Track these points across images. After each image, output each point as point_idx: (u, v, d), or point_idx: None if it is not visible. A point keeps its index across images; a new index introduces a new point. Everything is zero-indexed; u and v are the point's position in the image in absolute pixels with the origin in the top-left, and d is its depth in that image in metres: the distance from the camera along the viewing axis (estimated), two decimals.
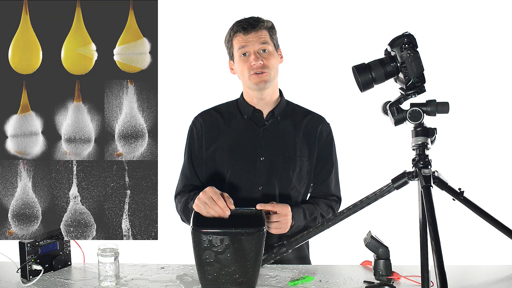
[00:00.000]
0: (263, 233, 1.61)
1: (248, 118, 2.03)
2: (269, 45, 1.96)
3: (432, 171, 1.65)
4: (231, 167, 1.99)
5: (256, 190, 1.99)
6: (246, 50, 1.94)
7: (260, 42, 1.94)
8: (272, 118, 2.03)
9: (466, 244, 3.10)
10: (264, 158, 1.99)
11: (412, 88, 1.67)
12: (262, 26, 1.96)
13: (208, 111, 2.10)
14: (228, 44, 2.01)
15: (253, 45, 1.94)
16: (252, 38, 1.94)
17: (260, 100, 2.02)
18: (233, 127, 2.04)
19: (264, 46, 1.95)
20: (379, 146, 3.28)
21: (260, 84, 1.95)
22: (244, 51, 1.95)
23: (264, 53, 1.95)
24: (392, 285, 1.68)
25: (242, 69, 1.96)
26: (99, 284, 1.72)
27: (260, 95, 2.00)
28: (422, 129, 1.67)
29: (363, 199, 1.75)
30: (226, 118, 2.06)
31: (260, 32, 1.95)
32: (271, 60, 1.95)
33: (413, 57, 1.64)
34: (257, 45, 1.94)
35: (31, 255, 1.76)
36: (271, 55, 1.96)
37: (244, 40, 1.94)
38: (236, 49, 1.97)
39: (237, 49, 1.96)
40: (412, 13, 3.29)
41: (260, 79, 1.94)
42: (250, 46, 1.93)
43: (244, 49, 1.94)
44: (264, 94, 2.00)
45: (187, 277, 1.79)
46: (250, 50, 1.94)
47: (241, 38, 1.95)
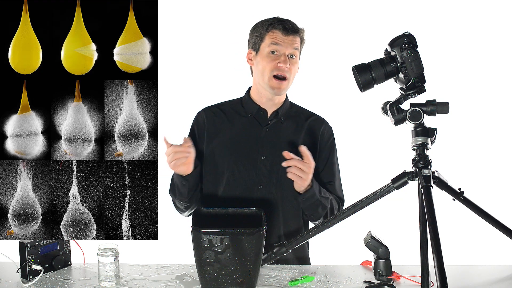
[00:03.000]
0: (263, 233, 1.61)
1: (252, 116, 2.03)
2: (298, 52, 1.99)
3: (432, 171, 1.65)
4: (231, 165, 1.99)
5: (256, 189, 1.99)
6: (279, 49, 1.94)
7: (293, 47, 1.96)
8: (275, 118, 2.04)
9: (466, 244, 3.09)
10: (265, 157, 1.99)
11: (412, 88, 1.67)
12: (299, 34, 1.98)
13: (211, 107, 2.10)
14: (259, 35, 1.98)
15: (286, 47, 1.94)
16: (289, 40, 1.95)
17: (268, 101, 2.02)
18: (235, 124, 2.04)
19: (295, 52, 1.97)
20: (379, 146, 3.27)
21: (276, 90, 1.96)
22: (275, 49, 1.94)
23: (291, 59, 1.96)
24: (392, 285, 1.68)
25: (265, 66, 1.95)
26: (99, 284, 1.72)
27: (271, 97, 2.01)
28: (422, 129, 1.67)
29: (363, 199, 1.75)
30: (229, 115, 2.06)
31: (296, 38, 1.97)
32: (294, 68, 1.98)
33: (413, 57, 1.64)
34: (290, 49, 1.95)
35: (31, 255, 1.76)
36: (296, 63, 1.99)
37: (281, 39, 1.94)
38: (267, 43, 1.95)
39: (268, 44, 1.95)
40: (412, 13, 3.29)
41: (279, 86, 1.95)
42: (284, 48, 1.94)
43: (276, 47, 1.94)
44: (275, 98, 2.01)
45: (187, 277, 1.79)
46: (282, 51, 1.94)
47: (278, 36, 1.94)
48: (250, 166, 1.99)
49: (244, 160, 2.00)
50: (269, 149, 2.00)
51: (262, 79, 1.97)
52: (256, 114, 2.03)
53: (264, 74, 1.95)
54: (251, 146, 2.01)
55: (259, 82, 2.00)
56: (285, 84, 1.95)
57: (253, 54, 2.01)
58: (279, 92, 1.97)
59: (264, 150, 1.99)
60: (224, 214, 1.76)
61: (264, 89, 1.99)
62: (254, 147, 2.00)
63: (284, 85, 1.96)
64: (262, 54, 1.97)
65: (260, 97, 2.03)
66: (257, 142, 2.01)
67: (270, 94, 1.99)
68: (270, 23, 1.97)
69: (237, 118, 2.05)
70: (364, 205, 1.74)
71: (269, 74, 1.94)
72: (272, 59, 1.94)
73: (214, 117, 2.06)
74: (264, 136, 2.01)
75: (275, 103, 2.03)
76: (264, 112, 2.03)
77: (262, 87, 2.00)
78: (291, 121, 2.06)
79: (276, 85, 1.95)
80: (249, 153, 2.00)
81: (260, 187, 1.99)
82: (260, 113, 2.03)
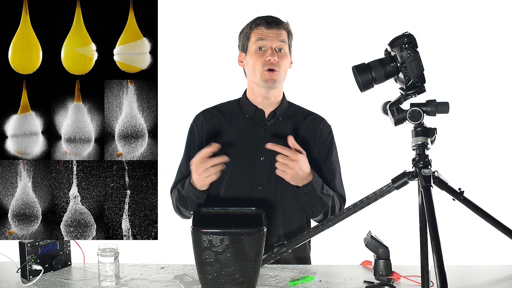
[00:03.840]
0: (263, 233, 1.61)
1: (250, 117, 2.03)
2: (286, 46, 1.98)
3: (432, 171, 1.65)
4: (231, 166, 1.99)
5: (255, 190, 1.99)
6: (264, 44, 1.95)
7: (279, 40, 1.96)
8: (273, 118, 2.03)
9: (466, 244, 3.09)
10: (264, 158, 1.99)
11: (412, 88, 1.67)
12: (284, 26, 1.98)
13: (209, 110, 2.10)
14: (245, 36, 2.01)
15: (272, 40, 1.95)
16: (273, 34, 1.95)
17: (264, 99, 2.01)
18: (234, 126, 2.04)
19: (282, 45, 1.96)
20: (379, 146, 3.27)
21: (269, 82, 1.95)
22: (261, 45, 1.95)
23: (279, 52, 1.96)
24: (392, 285, 1.68)
25: (255, 63, 1.96)
26: (99, 284, 1.72)
27: (266, 94, 2.00)
28: (422, 129, 1.67)
29: (363, 199, 1.75)
30: (228, 117, 2.06)
31: (281, 31, 1.97)
32: (284, 61, 1.97)
33: (413, 57, 1.64)
34: (276, 42, 1.95)
35: (31, 255, 1.76)
36: (285, 56, 1.98)
37: (265, 34, 1.95)
38: (253, 41, 1.97)
39: (254, 41, 1.96)
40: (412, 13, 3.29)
41: (271, 77, 1.94)
42: (269, 41, 1.95)
43: (262, 42, 1.95)
44: (270, 93, 2.00)
45: (187, 277, 1.79)
46: (268, 45, 1.95)
47: (262, 31, 1.96)
48: (249, 167, 1.99)
49: (243, 162, 1.99)
50: (267, 150, 1.99)
51: (254, 76, 1.97)
52: (254, 115, 2.03)
53: (256, 71, 1.96)
54: (250, 147, 2.00)
55: (252, 80, 2.00)
56: (277, 75, 1.94)
57: (243, 56, 2.03)
58: (272, 84, 1.96)
59: (262, 151, 1.99)
60: (224, 214, 1.76)
61: (258, 86, 1.99)
62: (253, 148, 2.00)
63: (276, 75, 1.94)
64: (250, 53, 1.98)
65: (255, 97, 2.02)
66: (255, 143, 2.00)
67: (265, 91, 1.99)
68: (254, 21, 2.00)
69: (235, 119, 2.05)
70: (364, 205, 1.74)
71: (260, 70, 1.95)
72: (260, 55, 1.95)
73: (212, 119, 2.06)
74: (263, 137, 2.01)
75: (272, 102, 2.03)
76: (261, 112, 2.03)
77: (256, 85, 1.99)
78: (290, 120, 2.05)
79: (268, 76, 1.94)
80: (248, 155, 2.00)
81: (260, 188, 1.99)
82: (257, 114, 2.03)
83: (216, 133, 2.03)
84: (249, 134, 2.02)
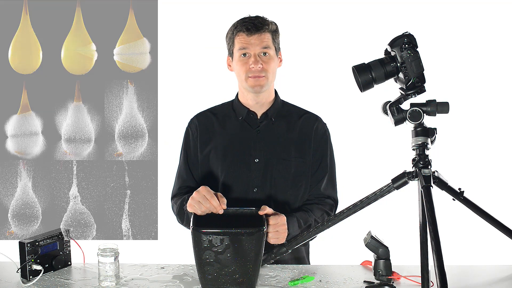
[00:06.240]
0: (263, 233, 1.61)
1: (243, 119, 2.02)
2: (271, 49, 1.94)
3: (432, 171, 1.65)
4: (226, 169, 1.98)
5: (251, 192, 1.98)
6: (247, 51, 1.92)
7: (262, 46, 1.92)
8: (266, 120, 2.02)
9: (466, 244, 3.09)
10: (258, 160, 1.98)
11: (412, 88, 1.67)
12: (266, 29, 1.93)
13: (203, 113, 2.09)
14: (229, 41, 1.98)
15: (254, 48, 1.91)
16: (255, 40, 1.91)
17: (255, 102, 2.00)
18: (227, 128, 2.03)
19: (265, 50, 1.92)
20: (379, 146, 3.27)
21: (256, 88, 1.93)
22: (244, 52, 1.93)
23: (264, 56, 1.92)
24: (392, 285, 1.68)
25: (240, 70, 1.94)
26: (99, 284, 1.72)
27: (256, 97, 1.99)
28: (422, 129, 1.67)
29: (363, 199, 1.75)
30: (221, 120, 2.05)
31: (263, 35, 1.92)
32: (270, 64, 1.93)
33: (413, 57, 1.64)
34: (258, 49, 1.92)
35: (31, 255, 1.76)
36: (271, 59, 1.94)
37: (246, 41, 1.92)
38: (236, 48, 1.94)
39: (237, 49, 1.94)
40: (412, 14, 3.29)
41: (257, 83, 1.92)
42: (251, 49, 1.91)
43: (245, 50, 1.92)
44: (260, 97, 1.99)
45: (187, 277, 1.79)
46: (251, 52, 1.91)
47: (243, 39, 1.92)
48: (244, 170, 1.98)
49: (238, 164, 1.98)
50: (261, 151, 1.98)
51: (241, 82, 1.97)
52: (246, 117, 2.02)
53: (241, 77, 1.95)
54: (244, 149, 2.00)
55: (241, 85, 2.00)
56: (263, 80, 1.93)
57: (230, 60, 2.01)
58: (260, 90, 1.94)
59: (256, 153, 1.98)
60: (224, 214, 1.76)
61: (247, 91, 1.98)
62: (247, 150, 1.99)
63: (262, 81, 1.93)
64: (235, 59, 1.96)
65: (246, 99, 2.02)
66: (249, 146, 2.00)
67: (254, 95, 1.98)
68: (236, 26, 1.96)
69: (229, 122, 2.04)
70: (364, 205, 1.74)
71: (245, 76, 1.93)
72: (244, 62, 1.93)
73: (206, 123, 2.05)
74: (256, 139, 2.00)
75: (263, 103, 2.02)
76: (253, 114, 2.02)
77: (244, 89, 1.99)
78: (283, 120, 2.04)
79: (253, 83, 1.93)
80: (242, 157, 1.99)
81: (255, 190, 1.98)
82: (250, 116, 2.02)
83: (210, 136, 2.03)
84: (243, 136, 2.01)
